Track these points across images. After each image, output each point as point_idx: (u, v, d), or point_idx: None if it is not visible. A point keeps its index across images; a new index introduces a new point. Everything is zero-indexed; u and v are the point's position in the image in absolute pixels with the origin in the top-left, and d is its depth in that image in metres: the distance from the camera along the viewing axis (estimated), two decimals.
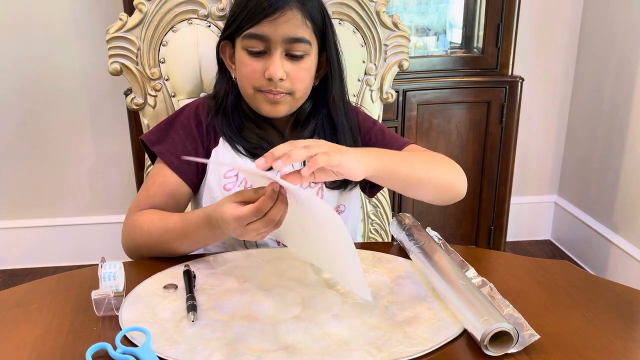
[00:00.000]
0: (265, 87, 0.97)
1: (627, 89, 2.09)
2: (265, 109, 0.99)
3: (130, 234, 0.96)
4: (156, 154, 1.02)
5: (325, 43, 1.01)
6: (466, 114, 2.01)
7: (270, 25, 0.93)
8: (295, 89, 0.98)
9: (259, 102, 0.99)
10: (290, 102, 1.00)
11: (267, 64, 0.95)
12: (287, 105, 1.00)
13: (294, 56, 0.96)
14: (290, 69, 0.96)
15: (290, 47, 0.95)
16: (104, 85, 2.22)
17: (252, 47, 0.96)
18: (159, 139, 1.02)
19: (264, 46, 0.95)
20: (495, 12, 1.95)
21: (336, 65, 1.03)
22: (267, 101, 0.98)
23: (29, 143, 2.29)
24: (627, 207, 2.13)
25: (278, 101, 0.98)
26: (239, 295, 0.81)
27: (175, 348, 0.69)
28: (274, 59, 0.95)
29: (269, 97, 0.97)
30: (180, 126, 1.03)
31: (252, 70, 0.96)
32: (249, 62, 0.97)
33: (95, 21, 2.16)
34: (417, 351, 0.68)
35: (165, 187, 1.00)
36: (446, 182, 0.96)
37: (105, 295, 0.75)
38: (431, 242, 0.89)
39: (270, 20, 0.93)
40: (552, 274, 0.88)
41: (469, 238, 2.17)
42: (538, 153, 2.51)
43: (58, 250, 2.40)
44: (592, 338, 0.71)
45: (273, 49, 0.95)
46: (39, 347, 0.70)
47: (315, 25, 0.98)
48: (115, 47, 1.14)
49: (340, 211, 1.07)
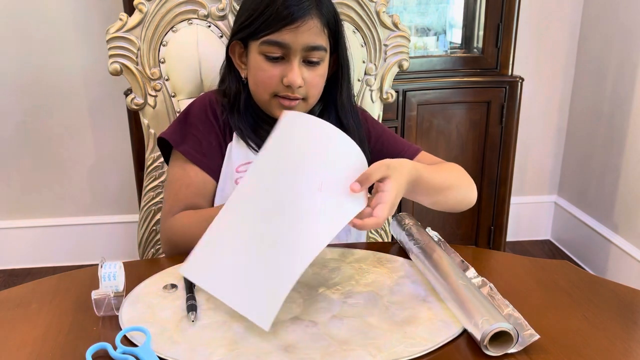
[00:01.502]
0: (282, 92, 0.97)
1: (627, 89, 2.09)
2: (279, 114, 1.00)
3: (172, 241, 0.98)
4: (183, 154, 1.01)
5: (337, 45, 1.02)
6: (466, 114, 2.01)
7: (291, 34, 0.93)
8: (310, 95, 1.00)
9: (274, 107, 1.00)
10: (303, 107, 1.01)
11: (286, 70, 0.96)
12: (301, 110, 1.01)
13: (310, 62, 0.97)
14: (307, 75, 0.97)
15: (308, 54, 0.96)
16: (104, 85, 2.22)
17: (270, 52, 0.96)
18: (181, 139, 1.02)
19: (282, 53, 0.95)
20: (495, 12, 1.95)
21: (347, 67, 1.05)
22: (282, 107, 0.99)
23: (29, 143, 2.29)
24: (627, 207, 2.13)
25: (293, 107, 0.99)
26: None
27: (175, 348, 0.69)
28: (293, 66, 0.95)
29: (284, 103, 0.98)
30: (199, 122, 1.03)
31: (270, 76, 0.97)
32: (266, 67, 0.97)
33: (95, 21, 2.16)
34: (417, 351, 0.68)
35: (193, 188, 1.01)
36: (463, 194, 1.01)
37: (105, 295, 0.75)
38: (431, 242, 0.89)
39: (291, 28, 0.93)
40: (552, 274, 0.88)
41: (469, 238, 2.17)
42: (538, 153, 2.51)
43: (58, 250, 2.40)
44: (592, 338, 0.71)
45: (292, 56, 0.95)
46: (39, 347, 0.70)
47: (330, 30, 0.99)
48: (115, 47, 1.14)
49: None
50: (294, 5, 0.92)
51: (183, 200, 1.00)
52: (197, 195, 1.01)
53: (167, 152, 1.07)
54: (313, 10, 0.94)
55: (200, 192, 1.01)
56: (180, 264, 0.89)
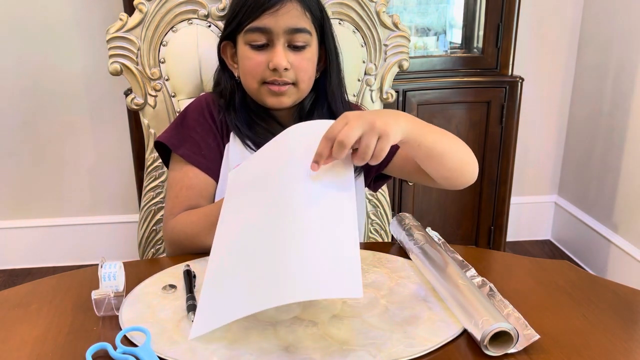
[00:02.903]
0: (269, 77, 0.98)
1: (627, 89, 2.09)
2: (270, 101, 1.01)
3: (175, 242, 0.98)
4: (182, 157, 1.02)
5: (324, 36, 1.03)
6: (466, 114, 2.01)
7: (271, 17, 0.95)
8: (299, 79, 1.00)
9: (264, 95, 1.01)
10: (294, 93, 1.01)
11: (271, 55, 0.97)
12: (292, 97, 1.02)
13: (296, 47, 0.99)
14: (294, 59, 0.98)
15: (292, 38, 0.98)
16: (104, 85, 2.22)
17: (254, 40, 0.98)
18: (179, 142, 1.03)
19: (266, 39, 0.97)
20: (495, 12, 1.95)
21: (334, 55, 1.05)
22: (272, 93, 1.00)
23: (29, 143, 2.29)
24: (627, 207, 2.13)
25: (283, 92, 1.00)
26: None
27: (175, 348, 0.69)
28: (277, 49, 0.97)
29: (273, 89, 0.99)
30: (197, 124, 1.03)
31: (257, 63, 0.98)
32: (252, 55, 0.98)
33: (95, 21, 2.16)
34: (417, 351, 0.68)
35: (194, 189, 1.01)
36: (464, 161, 0.94)
37: (105, 295, 0.75)
38: (431, 242, 0.89)
39: (270, 12, 0.95)
40: (552, 274, 0.88)
41: (469, 238, 2.17)
42: (538, 153, 2.51)
43: (58, 250, 2.40)
44: (592, 338, 0.71)
45: (276, 40, 0.97)
46: (39, 347, 0.70)
47: (314, 17, 1.00)
48: (115, 47, 1.14)
49: None
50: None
51: (184, 202, 1.00)
52: (198, 197, 1.01)
53: (165, 155, 1.07)
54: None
55: (201, 194, 1.02)
56: (180, 263, 0.89)
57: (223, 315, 0.68)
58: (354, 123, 0.75)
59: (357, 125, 0.75)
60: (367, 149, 0.76)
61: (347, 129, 0.74)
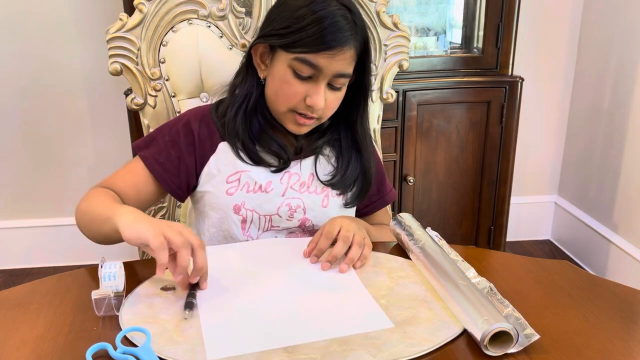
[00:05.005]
0: (301, 110, 0.98)
1: (627, 89, 2.09)
2: (291, 127, 1.02)
3: (80, 205, 0.98)
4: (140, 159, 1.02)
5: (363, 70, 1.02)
6: (466, 114, 2.01)
7: (327, 59, 0.93)
8: (325, 115, 1.01)
9: (288, 120, 1.01)
10: (315, 124, 1.02)
11: (311, 91, 0.96)
12: (312, 127, 1.03)
13: (333, 87, 0.98)
14: (328, 98, 0.98)
15: (335, 80, 0.97)
16: (104, 85, 2.22)
17: (300, 70, 0.95)
18: (147, 142, 1.04)
19: (311, 73, 0.95)
20: (495, 12, 1.95)
21: (368, 91, 1.05)
22: (296, 122, 1.00)
23: (29, 143, 2.29)
24: (627, 207, 2.13)
25: (307, 125, 1.01)
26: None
27: (175, 348, 0.69)
28: (319, 89, 0.96)
29: (299, 120, 0.99)
30: (169, 133, 1.03)
31: (295, 93, 0.97)
32: (293, 82, 0.96)
33: (95, 21, 2.16)
34: (417, 351, 0.68)
35: (132, 176, 1.02)
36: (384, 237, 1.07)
37: (105, 295, 0.76)
38: (431, 242, 0.89)
39: (328, 54, 0.93)
40: (552, 274, 0.88)
41: (469, 238, 2.17)
42: (538, 153, 2.51)
43: (58, 250, 2.40)
44: (592, 338, 0.71)
45: (321, 79, 0.96)
46: (39, 347, 0.70)
47: (360, 59, 0.99)
48: (115, 47, 1.14)
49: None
50: (338, 32, 0.92)
51: (117, 179, 1.01)
52: (131, 185, 1.01)
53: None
54: (352, 40, 0.94)
55: (136, 185, 1.01)
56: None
57: (242, 345, 0.70)
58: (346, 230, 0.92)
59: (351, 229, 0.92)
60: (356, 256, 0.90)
61: (344, 232, 0.91)
